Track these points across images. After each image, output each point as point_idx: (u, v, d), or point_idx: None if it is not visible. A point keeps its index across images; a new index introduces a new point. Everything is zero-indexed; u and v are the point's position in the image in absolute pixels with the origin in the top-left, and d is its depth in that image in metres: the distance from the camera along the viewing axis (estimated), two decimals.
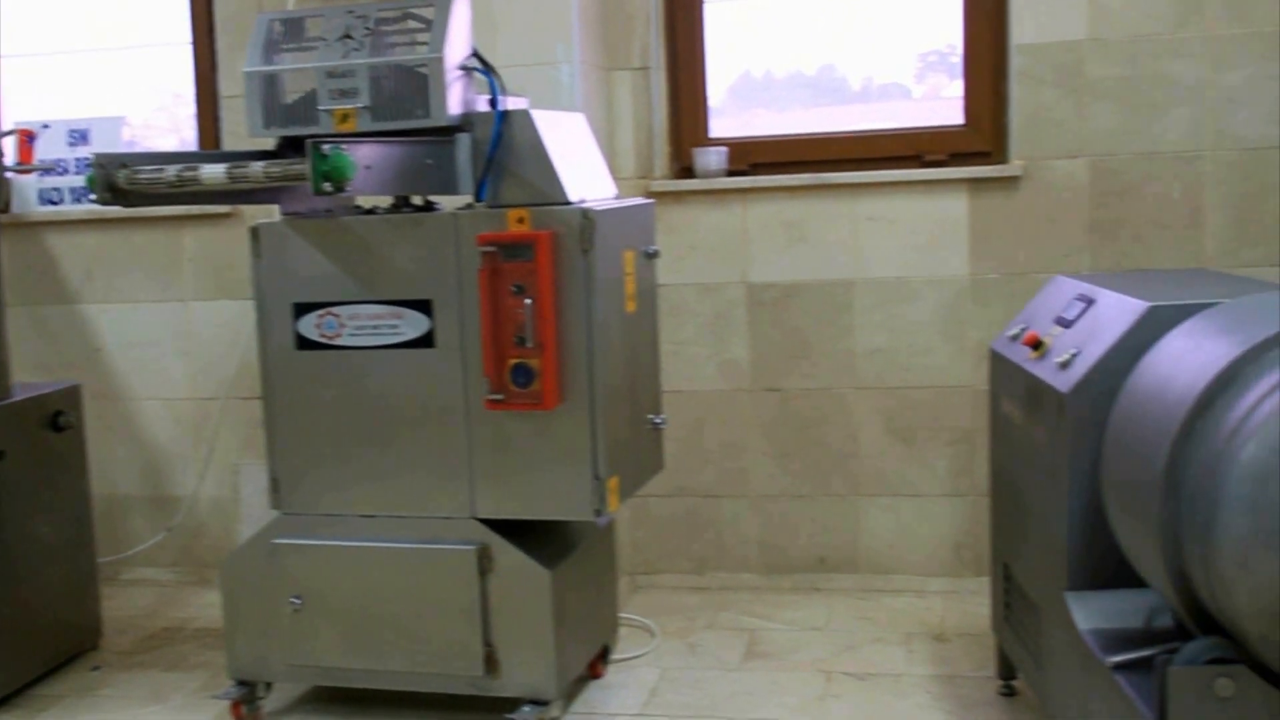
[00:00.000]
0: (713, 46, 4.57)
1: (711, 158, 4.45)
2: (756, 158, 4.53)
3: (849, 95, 4.72)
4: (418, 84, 3.25)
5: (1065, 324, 3.05)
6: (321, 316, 3.42)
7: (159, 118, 5.26)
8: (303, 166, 2.84)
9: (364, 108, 3.26)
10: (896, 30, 4.57)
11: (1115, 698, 2.52)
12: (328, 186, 2.80)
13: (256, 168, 3.00)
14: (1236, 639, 2.24)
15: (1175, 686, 2.24)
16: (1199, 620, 2.36)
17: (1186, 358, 2.44)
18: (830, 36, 4.65)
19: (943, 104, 4.45)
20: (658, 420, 3.73)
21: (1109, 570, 2.77)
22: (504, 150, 3.29)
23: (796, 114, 4.74)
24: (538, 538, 3.46)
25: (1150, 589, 2.62)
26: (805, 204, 4.41)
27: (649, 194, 4.40)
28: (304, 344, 3.45)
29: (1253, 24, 4.05)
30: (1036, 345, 3.08)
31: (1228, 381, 2.27)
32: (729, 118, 4.72)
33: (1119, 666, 2.52)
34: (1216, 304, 2.62)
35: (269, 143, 3.47)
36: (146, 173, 3.12)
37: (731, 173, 4.50)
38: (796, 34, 4.64)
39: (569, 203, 3.25)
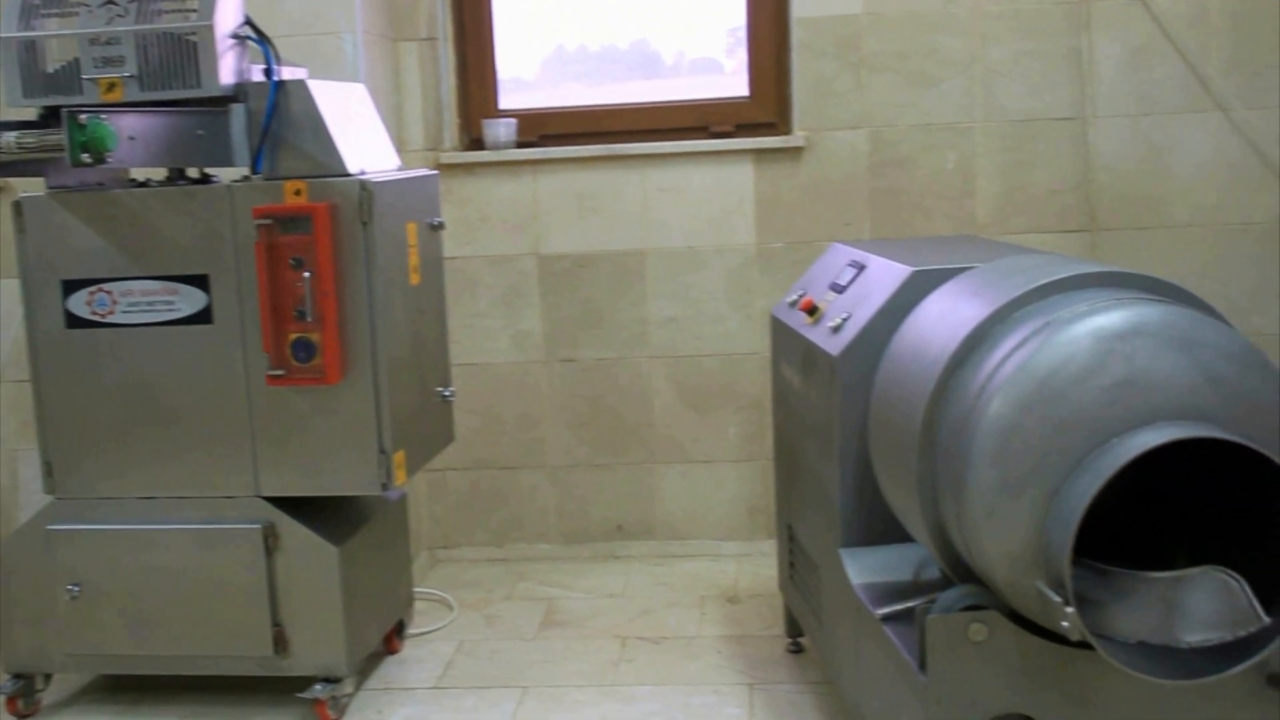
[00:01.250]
0: (522, 19, 4.56)
1: (500, 129, 4.43)
2: (547, 129, 4.53)
3: (662, 69, 4.76)
4: (187, 52, 3.15)
5: (839, 289, 3.15)
6: (92, 294, 3.31)
7: None
8: (60, 137, 2.74)
9: (130, 77, 3.14)
10: (707, 5, 4.62)
11: (884, 648, 2.62)
12: (86, 157, 2.71)
13: (9, 138, 2.89)
14: (988, 586, 2.35)
15: (933, 634, 2.34)
16: (958, 570, 2.47)
17: (943, 319, 2.55)
18: (643, 11, 4.68)
19: None
20: (446, 393, 3.71)
21: (880, 527, 2.87)
22: (280, 121, 3.23)
23: (609, 88, 4.76)
24: (327, 514, 3.42)
25: (917, 543, 2.72)
26: (596, 175, 4.43)
27: (438, 166, 4.37)
28: (74, 322, 3.33)
29: (1015, 1, 4.22)
30: (812, 310, 3.17)
31: (978, 341, 2.38)
32: (542, 90, 4.72)
33: (887, 618, 2.63)
34: (974, 268, 2.73)
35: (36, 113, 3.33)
36: None
37: (523, 144, 4.49)
38: (610, 8, 4.65)
39: (348, 174, 3.21)
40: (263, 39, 3.26)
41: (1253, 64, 4.18)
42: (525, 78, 4.74)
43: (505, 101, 4.60)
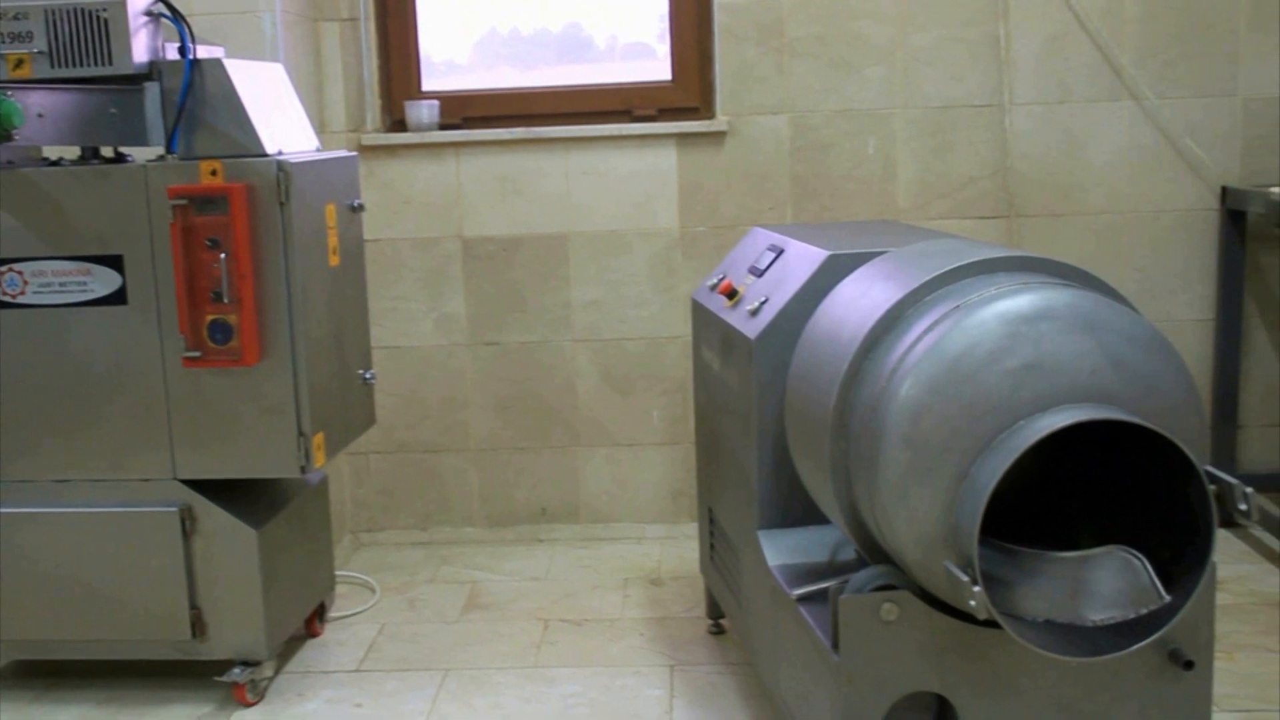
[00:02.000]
0: (454, 1, 4.52)
1: (423, 111, 4.41)
2: (471, 111, 4.51)
3: (594, 54, 4.75)
4: (99, 29, 3.09)
5: (758, 273, 3.17)
6: (2, 274, 3.25)
7: None
8: None
9: (40, 53, 3.09)
10: None
11: (800, 628, 2.65)
12: None
13: None
14: (900, 567, 2.39)
15: (845, 613, 2.38)
16: (871, 551, 2.50)
17: (857, 303, 2.57)
18: None
19: None
20: (367, 375, 3.69)
21: (798, 509, 2.91)
22: (196, 100, 3.18)
23: (541, 71, 4.74)
24: (246, 497, 3.39)
25: (833, 525, 2.76)
26: (519, 158, 4.42)
27: (360, 147, 4.34)
28: None
29: None
30: (731, 294, 3.19)
31: (890, 323, 2.40)
32: (474, 73, 4.68)
33: (802, 598, 2.66)
34: (888, 252, 2.76)
35: None
36: None
37: (446, 126, 4.47)
38: None
39: (265, 154, 3.17)
40: (177, 17, 3.21)
41: (1164, 54, 4.25)
42: (458, 60, 4.71)
43: (436, 84, 4.57)
